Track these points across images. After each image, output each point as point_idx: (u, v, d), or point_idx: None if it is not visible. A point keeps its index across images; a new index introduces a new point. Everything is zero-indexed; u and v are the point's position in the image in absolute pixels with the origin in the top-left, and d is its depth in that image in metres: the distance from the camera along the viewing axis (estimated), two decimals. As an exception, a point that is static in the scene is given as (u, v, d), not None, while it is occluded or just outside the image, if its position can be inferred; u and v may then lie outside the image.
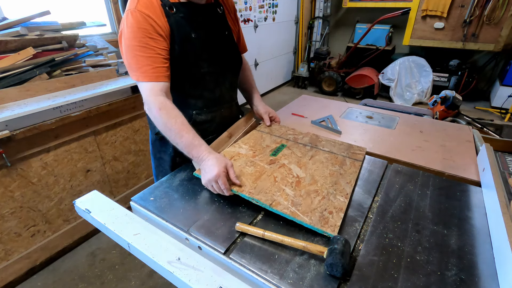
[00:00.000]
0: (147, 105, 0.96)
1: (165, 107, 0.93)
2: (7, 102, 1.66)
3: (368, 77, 4.46)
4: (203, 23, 1.05)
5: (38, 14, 1.83)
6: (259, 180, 0.93)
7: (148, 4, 0.92)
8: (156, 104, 0.92)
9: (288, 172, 0.99)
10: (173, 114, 0.93)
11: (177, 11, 0.97)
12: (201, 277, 0.65)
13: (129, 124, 2.12)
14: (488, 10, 3.67)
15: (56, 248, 1.89)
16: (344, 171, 1.02)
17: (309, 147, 1.16)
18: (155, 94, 0.94)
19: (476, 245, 0.75)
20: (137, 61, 0.93)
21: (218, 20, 1.12)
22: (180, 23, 0.98)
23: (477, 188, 0.97)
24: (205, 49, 1.05)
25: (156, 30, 0.92)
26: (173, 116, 0.93)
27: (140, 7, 0.91)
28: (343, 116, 1.63)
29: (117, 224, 0.82)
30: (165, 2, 0.95)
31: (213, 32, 1.09)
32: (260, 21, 4.35)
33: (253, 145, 1.14)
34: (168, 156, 1.17)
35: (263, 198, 0.85)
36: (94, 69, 2.07)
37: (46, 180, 1.73)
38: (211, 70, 1.08)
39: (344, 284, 0.65)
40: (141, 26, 0.91)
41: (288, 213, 0.81)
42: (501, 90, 3.98)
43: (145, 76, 0.93)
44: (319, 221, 0.79)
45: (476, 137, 1.33)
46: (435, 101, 2.94)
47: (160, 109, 0.92)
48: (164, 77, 0.95)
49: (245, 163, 1.02)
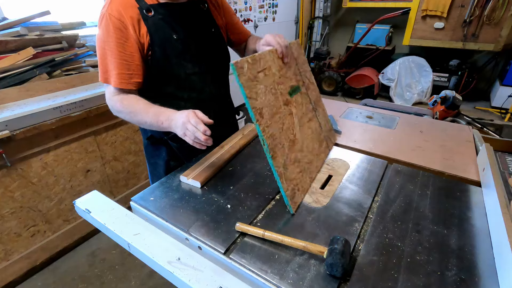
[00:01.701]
0: (109, 104, 0.98)
1: (125, 98, 0.95)
2: (7, 102, 1.66)
3: (368, 77, 4.46)
4: (185, 22, 1.02)
5: (38, 14, 1.84)
6: (273, 119, 0.88)
7: (121, 7, 0.90)
8: (117, 100, 0.95)
9: (291, 126, 0.95)
10: (133, 100, 0.95)
11: (156, 13, 0.95)
12: (201, 277, 0.65)
13: (129, 124, 2.12)
14: (488, 10, 3.67)
15: (56, 248, 1.89)
16: (319, 153, 1.04)
17: (311, 107, 1.10)
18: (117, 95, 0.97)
19: (476, 245, 0.75)
20: (105, 64, 0.94)
21: (202, 17, 1.08)
22: (159, 25, 0.96)
23: (477, 188, 0.97)
24: (188, 49, 1.03)
25: (124, 35, 0.91)
26: (134, 101, 0.94)
27: (111, 10, 0.90)
28: (343, 116, 1.63)
29: (117, 224, 0.81)
30: (142, 4, 0.93)
31: (197, 31, 1.06)
32: (260, 21, 4.35)
33: (281, 68, 1.00)
34: (162, 160, 1.16)
35: (270, 145, 0.82)
36: (94, 69, 2.07)
37: (46, 180, 1.73)
38: (196, 70, 1.06)
39: (344, 284, 0.65)
40: (110, 30, 0.90)
41: (278, 173, 0.83)
42: (501, 90, 3.98)
43: (110, 81, 0.95)
44: (290, 193, 0.85)
45: (476, 137, 1.32)
46: (435, 101, 2.94)
47: (122, 102, 0.95)
48: (128, 84, 0.96)
49: (271, 87, 0.91)
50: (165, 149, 1.18)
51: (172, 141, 1.16)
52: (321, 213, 0.86)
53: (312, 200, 0.91)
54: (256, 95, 0.83)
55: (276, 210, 0.88)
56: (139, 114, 0.93)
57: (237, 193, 0.95)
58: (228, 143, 1.21)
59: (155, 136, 1.17)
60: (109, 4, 0.91)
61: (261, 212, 0.87)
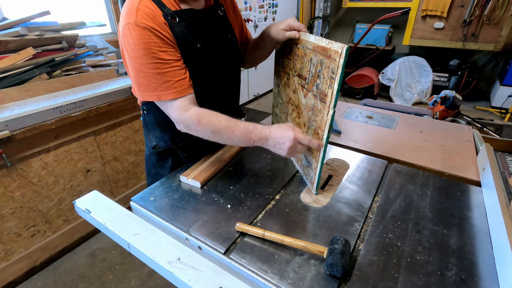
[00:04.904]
0: (182, 124, 0.88)
1: (203, 116, 0.86)
2: (7, 102, 1.66)
3: (368, 77, 4.46)
4: (206, 30, 0.97)
5: (38, 14, 1.83)
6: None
7: (149, 15, 0.82)
8: (193, 119, 0.86)
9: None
10: (213, 117, 0.86)
11: (180, 20, 0.88)
12: (201, 277, 0.65)
13: (129, 124, 2.12)
14: (488, 10, 3.67)
15: (56, 248, 1.89)
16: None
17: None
18: (186, 109, 0.87)
19: (476, 245, 0.75)
20: (154, 79, 0.84)
21: (220, 23, 1.04)
22: (185, 33, 0.89)
23: (477, 188, 0.97)
24: (210, 58, 0.99)
25: (165, 42, 0.84)
26: (214, 119, 0.86)
27: (141, 20, 0.80)
28: (343, 116, 1.63)
29: (117, 224, 0.81)
30: (167, 11, 0.86)
31: (216, 38, 1.02)
32: (260, 21, 4.35)
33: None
34: (167, 170, 1.13)
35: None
36: (94, 69, 2.07)
37: (46, 180, 1.73)
38: (215, 78, 1.03)
39: (344, 284, 0.65)
40: (148, 40, 0.81)
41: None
42: (501, 90, 3.98)
43: (168, 94, 0.85)
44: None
45: (476, 137, 1.32)
46: (435, 101, 2.94)
47: (200, 121, 0.85)
48: (188, 89, 0.88)
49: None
50: (171, 159, 1.14)
51: (181, 151, 1.13)
52: (321, 213, 0.86)
53: (312, 200, 0.91)
54: None
55: (276, 210, 0.88)
56: (225, 135, 0.86)
57: (237, 193, 0.95)
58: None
59: (161, 146, 1.13)
60: (136, 14, 0.80)
61: (261, 212, 0.87)
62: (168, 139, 1.10)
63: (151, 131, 1.13)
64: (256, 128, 0.86)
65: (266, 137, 0.85)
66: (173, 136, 1.09)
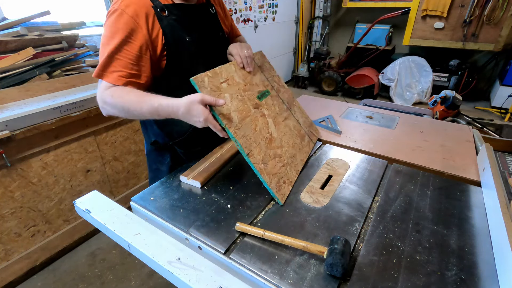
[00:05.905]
0: (101, 101, 0.88)
1: (115, 92, 0.86)
2: (7, 102, 1.66)
3: (368, 77, 4.46)
4: (196, 25, 1.00)
5: (38, 14, 1.84)
6: (244, 121, 0.92)
7: (136, 6, 0.86)
8: (107, 94, 0.86)
9: (265, 126, 1.01)
10: (124, 93, 0.86)
11: (170, 14, 0.92)
12: (201, 277, 0.65)
13: (129, 124, 2.12)
14: (488, 10, 3.67)
15: (56, 248, 1.89)
16: (302, 146, 1.11)
17: (285, 107, 1.18)
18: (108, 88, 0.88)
19: (476, 245, 0.75)
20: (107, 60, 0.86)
21: (211, 20, 1.08)
22: (174, 26, 0.93)
23: (477, 188, 0.97)
24: (200, 52, 1.01)
25: (135, 34, 0.86)
26: (125, 94, 0.85)
27: (125, 7, 0.85)
28: (343, 116, 1.63)
29: (117, 224, 0.81)
30: (157, 4, 0.89)
31: (207, 34, 1.05)
32: (260, 21, 4.35)
33: (246, 77, 1.06)
34: (165, 167, 1.15)
35: (244, 144, 0.87)
36: (94, 69, 2.07)
37: (46, 180, 1.73)
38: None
39: (344, 284, 0.65)
40: (120, 26, 0.84)
41: (258, 169, 0.87)
42: (501, 90, 3.98)
43: (106, 76, 0.87)
44: (276, 186, 0.90)
45: (476, 137, 1.32)
46: (435, 101, 2.94)
47: (112, 96, 0.86)
48: (127, 83, 0.89)
49: (236, 94, 0.96)
50: (169, 155, 1.16)
51: (178, 147, 1.14)
52: (321, 213, 0.86)
53: (312, 200, 0.91)
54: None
55: (276, 210, 0.88)
56: (133, 109, 0.85)
57: (237, 193, 0.95)
58: (228, 143, 1.21)
59: (160, 142, 1.15)
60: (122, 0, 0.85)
61: (261, 212, 0.87)
62: (165, 135, 1.12)
63: (149, 127, 1.16)
64: (161, 105, 0.82)
65: (174, 112, 0.82)
66: (170, 132, 1.11)
